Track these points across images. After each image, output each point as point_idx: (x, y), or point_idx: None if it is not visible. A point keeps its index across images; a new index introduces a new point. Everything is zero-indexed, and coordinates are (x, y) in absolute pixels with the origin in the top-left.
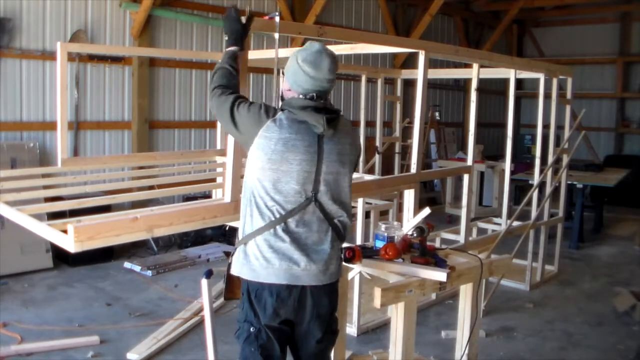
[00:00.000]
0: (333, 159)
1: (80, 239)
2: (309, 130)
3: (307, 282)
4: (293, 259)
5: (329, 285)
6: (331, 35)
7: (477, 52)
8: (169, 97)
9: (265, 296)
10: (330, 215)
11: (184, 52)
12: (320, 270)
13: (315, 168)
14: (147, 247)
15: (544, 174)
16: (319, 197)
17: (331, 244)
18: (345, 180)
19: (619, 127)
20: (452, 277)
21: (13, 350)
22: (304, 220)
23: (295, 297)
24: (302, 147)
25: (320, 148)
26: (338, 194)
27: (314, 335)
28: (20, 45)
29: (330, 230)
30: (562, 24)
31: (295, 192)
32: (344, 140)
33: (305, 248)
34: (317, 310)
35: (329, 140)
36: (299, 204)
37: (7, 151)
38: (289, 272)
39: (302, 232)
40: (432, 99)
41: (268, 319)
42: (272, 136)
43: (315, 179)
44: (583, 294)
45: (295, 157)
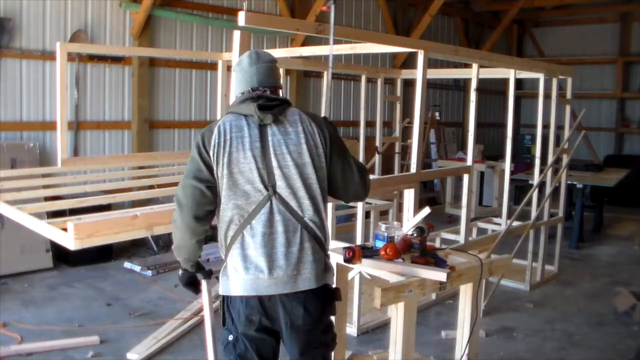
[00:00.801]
0: (284, 150)
1: (80, 236)
2: (251, 124)
3: (274, 291)
4: (259, 267)
5: (304, 293)
6: (329, 33)
7: (477, 52)
8: (169, 97)
9: (237, 304)
10: (297, 213)
11: (184, 52)
12: (288, 276)
13: (265, 161)
14: (147, 247)
15: (544, 174)
16: (278, 192)
17: (301, 245)
18: (310, 172)
19: (619, 127)
20: (452, 277)
21: (13, 350)
22: (269, 221)
23: (266, 304)
24: (248, 144)
25: (265, 140)
26: (303, 188)
27: (294, 347)
28: (20, 45)
29: (300, 229)
30: (562, 24)
31: (255, 191)
32: (293, 128)
33: (272, 252)
34: (290, 320)
35: (274, 129)
36: (258, 204)
37: (7, 151)
38: (255, 282)
39: (267, 235)
40: (432, 99)
41: (242, 327)
42: (221, 141)
43: (268, 172)
44: (583, 294)
45: (245, 155)
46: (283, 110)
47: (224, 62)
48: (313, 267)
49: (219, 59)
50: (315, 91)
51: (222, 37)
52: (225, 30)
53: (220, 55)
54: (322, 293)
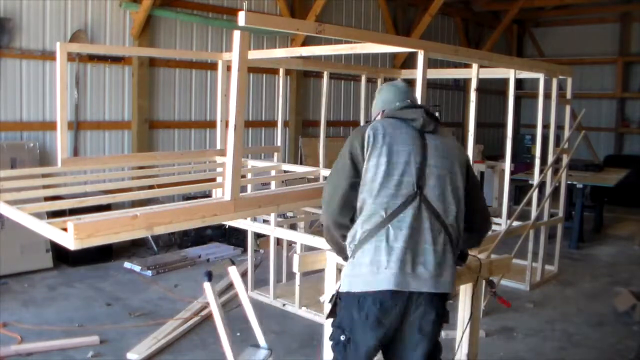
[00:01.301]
0: (440, 154)
1: (80, 236)
2: (410, 127)
3: (416, 287)
4: (404, 260)
5: (438, 297)
6: (329, 33)
7: (477, 52)
8: (169, 97)
9: (368, 304)
10: (440, 216)
11: (184, 52)
12: (431, 275)
13: (421, 159)
14: (147, 247)
15: (544, 174)
16: (425, 192)
17: (444, 246)
18: (459, 182)
19: (619, 127)
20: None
21: (13, 350)
22: (417, 215)
23: (401, 305)
24: (408, 139)
25: (424, 142)
26: (451, 193)
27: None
28: (20, 45)
29: (444, 232)
30: (562, 24)
31: (408, 183)
32: (448, 141)
33: (417, 248)
34: (421, 323)
35: (432, 136)
36: (406, 198)
37: (7, 151)
38: (399, 276)
39: (415, 230)
40: (432, 99)
41: (369, 328)
42: (377, 136)
43: (422, 170)
44: (583, 294)
45: (404, 148)
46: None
47: (224, 62)
48: (451, 272)
49: (219, 59)
50: (315, 91)
51: (222, 37)
52: (225, 30)
53: (220, 55)
54: (446, 303)
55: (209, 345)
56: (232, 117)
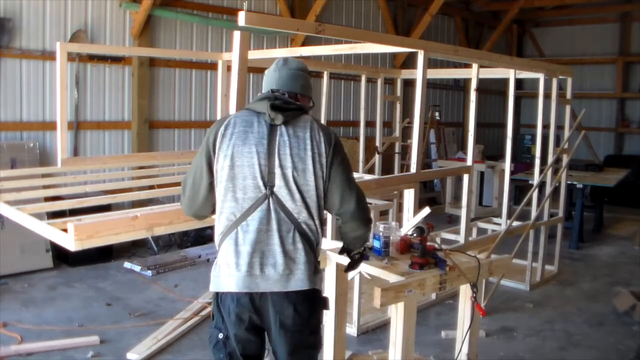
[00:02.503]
0: (288, 151)
1: (81, 237)
2: (262, 122)
3: (265, 288)
4: (251, 263)
5: (294, 293)
6: (330, 33)
7: (477, 52)
8: (169, 97)
9: (228, 302)
10: (292, 215)
11: (184, 52)
12: (280, 275)
13: (268, 159)
14: (147, 247)
15: (544, 174)
16: (275, 192)
17: (294, 245)
18: (307, 178)
19: (619, 127)
20: (452, 277)
21: (13, 350)
22: (265, 218)
23: (256, 302)
24: (253, 139)
25: (273, 138)
26: (299, 191)
27: (282, 347)
28: (20, 45)
29: (294, 231)
30: (562, 24)
31: (254, 187)
32: (301, 132)
33: (265, 249)
34: (280, 320)
35: (282, 130)
36: (255, 200)
37: (7, 151)
38: (247, 278)
39: (263, 233)
40: (432, 99)
41: (232, 325)
42: (227, 133)
43: (269, 171)
44: (583, 294)
45: (250, 149)
46: (296, 116)
47: (224, 62)
48: (305, 269)
49: (219, 59)
50: (315, 91)
51: (222, 37)
52: (225, 30)
53: (220, 55)
54: (312, 296)
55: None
56: None
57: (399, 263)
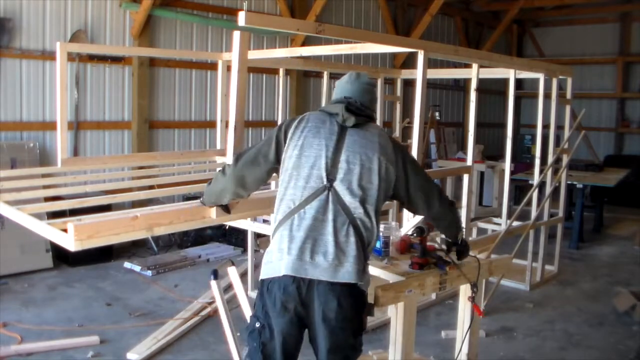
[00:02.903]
0: (355, 149)
1: (81, 237)
2: (334, 122)
3: (313, 275)
4: (303, 249)
5: (340, 286)
6: (329, 33)
7: (477, 52)
8: (169, 97)
9: (275, 290)
10: (348, 209)
11: (184, 52)
12: (330, 264)
13: (334, 153)
14: (147, 247)
15: (544, 174)
16: (335, 185)
17: (347, 237)
18: (372, 177)
19: (619, 127)
20: (452, 277)
21: (13, 350)
22: (322, 208)
23: (303, 291)
24: (324, 133)
25: (342, 136)
26: (360, 188)
27: (322, 342)
28: (20, 45)
29: (348, 224)
30: (562, 24)
31: (317, 177)
32: (370, 136)
33: (318, 237)
34: (323, 311)
35: (353, 131)
36: (316, 190)
37: (7, 151)
38: (297, 263)
39: (319, 221)
40: (432, 99)
41: (276, 314)
42: (300, 126)
43: (334, 164)
44: (583, 294)
45: (319, 142)
46: (366, 122)
47: (224, 62)
48: (355, 263)
49: (219, 59)
50: (315, 91)
51: (222, 37)
52: (225, 30)
53: (220, 55)
54: (357, 294)
55: (209, 345)
56: (232, 117)
57: (399, 263)
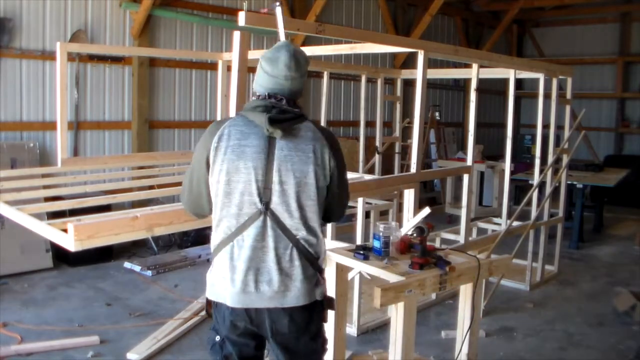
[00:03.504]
0: (287, 167)
1: (81, 237)
2: (259, 134)
3: (261, 305)
4: (245, 281)
5: (290, 308)
6: (330, 33)
7: (477, 52)
8: (169, 97)
9: (223, 309)
10: (290, 232)
11: (184, 52)
12: (275, 292)
13: (265, 175)
14: (147, 247)
15: (544, 174)
16: (271, 208)
17: (291, 262)
18: (309, 193)
19: (619, 127)
20: (452, 277)
21: (13, 350)
22: (260, 235)
23: (252, 315)
24: (251, 154)
25: (271, 153)
26: (299, 208)
27: (281, 355)
28: (20, 45)
29: (291, 248)
30: (562, 24)
31: (249, 203)
32: (302, 146)
33: (260, 266)
34: (275, 328)
35: (282, 143)
36: (250, 216)
37: (7, 151)
38: (241, 295)
39: (258, 250)
40: (432, 99)
41: (227, 330)
42: (221, 146)
43: (266, 187)
44: (583, 294)
45: (246, 165)
46: (296, 124)
47: (224, 62)
48: (303, 285)
49: (219, 59)
50: (315, 91)
51: (222, 37)
52: (225, 30)
53: (220, 55)
54: (311, 306)
55: None
56: None
57: (399, 263)
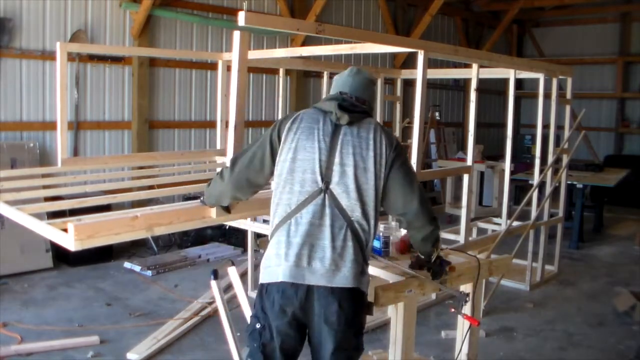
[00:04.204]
0: (350, 150)
1: (81, 237)
2: (327, 121)
3: (310, 281)
4: (300, 255)
5: (339, 290)
6: (330, 33)
7: (477, 52)
8: (169, 97)
9: (273, 292)
10: (346, 212)
11: (184, 52)
12: (327, 270)
13: (328, 156)
14: (147, 247)
15: (544, 174)
16: (330, 188)
17: (344, 242)
18: (367, 177)
19: (619, 127)
20: (452, 277)
21: (13, 350)
22: (319, 212)
23: (301, 296)
24: (317, 135)
25: (336, 137)
26: (356, 189)
27: (325, 344)
28: (20, 45)
29: (346, 228)
30: (562, 24)
31: (312, 181)
32: (364, 133)
33: (315, 243)
34: (325, 314)
35: (347, 130)
36: (309, 194)
37: (7, 151)
38: (294, 269)
39: (315, 226)
40: (432, 99)
41: (275, 317)
42: (294, 127)
43: (328, 167)
44: (583, 294)
45: (312, 145)
46: (361, 118)
47: (224, 62)
48: (352, 267)
49: (219, 59)
50: (315, 91)
51: (222, 37)
52: (225, 30)
53: (220, 55)
54: (357, 296)
55: (209, 345)
56: (232, 117)
57: (399, 263)
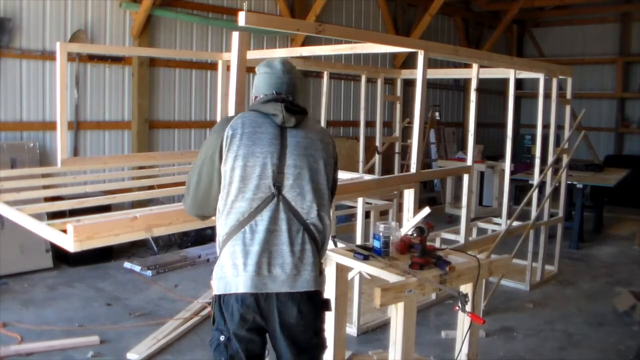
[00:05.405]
0: (300, 152)
1: (80, 238)
2: (272, 124)
3: (272, 289)
4: (259, 263)
5: (299, 294)
6: (330, 33)
7: (477, 52)
8: (169, 97)
9: (231, 303)
10: (300, 215)
11: (184, 52)
12: (288, 276)
13: (279, 159)
14: (147, 247)
15: (544, 174)
16: (283, 192)
17: (302, 245)
18: (321, 178)
19: (619, 127)
20: (452, 277)
21: (13, 350)
22: (273, 218)
23: (262, 303)
24: (265, 139)
25: (284, 139)
26: (311, 191)
27: (286, 348)
28: (20, 45)
29: (302, 231)
30: (562, 24)
31: (265, 186)
32: (311, 135)
33: (273, 250)
34: (283, 319)
35: (293, 132)
36: (263, 200)
37: (7, 151)
38: (255, 278)
39: (272, 233)
40: (432, 99)
41: (235, 326)
42: (236, 134)
43: (279, 171)
44: (583, 294)
45: (262, 149)
46: (303, 118)
47: (224, 62)
48: (312, 270)
49: (219, 59)
50: (315, 91)
51: (222, 37)
52: (225, 30)
53: (220, 55)
54: (316, 298)
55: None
56: None
57: (399, 263)
